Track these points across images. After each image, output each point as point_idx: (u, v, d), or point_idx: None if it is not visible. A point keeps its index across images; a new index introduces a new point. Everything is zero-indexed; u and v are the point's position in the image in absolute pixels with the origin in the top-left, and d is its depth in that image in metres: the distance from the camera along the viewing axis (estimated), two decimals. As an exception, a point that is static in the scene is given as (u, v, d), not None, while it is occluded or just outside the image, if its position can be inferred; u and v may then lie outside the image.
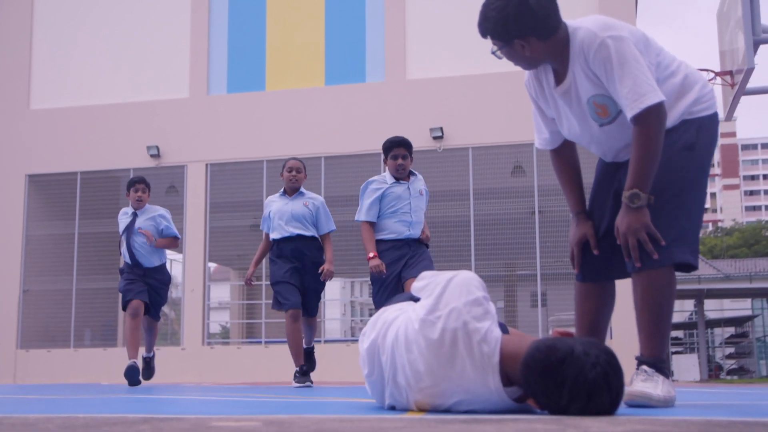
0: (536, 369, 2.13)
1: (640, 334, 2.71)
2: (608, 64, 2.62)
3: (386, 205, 5.49)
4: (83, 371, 12.46)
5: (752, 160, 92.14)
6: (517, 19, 2.66)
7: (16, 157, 13.75)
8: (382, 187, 5.50)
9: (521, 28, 2.68)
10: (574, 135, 2.91)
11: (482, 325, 2.29)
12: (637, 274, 2.68)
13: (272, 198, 6.39)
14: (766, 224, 63.58)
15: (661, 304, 2.68)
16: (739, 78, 7.56)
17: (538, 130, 3.03)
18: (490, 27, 2.73)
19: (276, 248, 6.18)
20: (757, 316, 30.41)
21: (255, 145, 13.07)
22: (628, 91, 2.59)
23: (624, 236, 2.65)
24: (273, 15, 13.48)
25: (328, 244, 6.24)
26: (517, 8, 2.66)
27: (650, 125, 2.60)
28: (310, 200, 6.27)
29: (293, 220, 6.15)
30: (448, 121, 12.39)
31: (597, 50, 2.64)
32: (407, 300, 2.67)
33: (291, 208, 6.18)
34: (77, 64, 13.93)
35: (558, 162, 3.02)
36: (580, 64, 2.70)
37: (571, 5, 12.53)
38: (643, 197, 2.62)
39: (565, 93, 2.78)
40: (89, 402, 3.40)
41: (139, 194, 6.64)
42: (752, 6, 7.18)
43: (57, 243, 13.66)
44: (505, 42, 2.73)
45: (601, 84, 2.70)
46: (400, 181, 5.55)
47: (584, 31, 2.68)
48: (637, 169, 2.63)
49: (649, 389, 2.56)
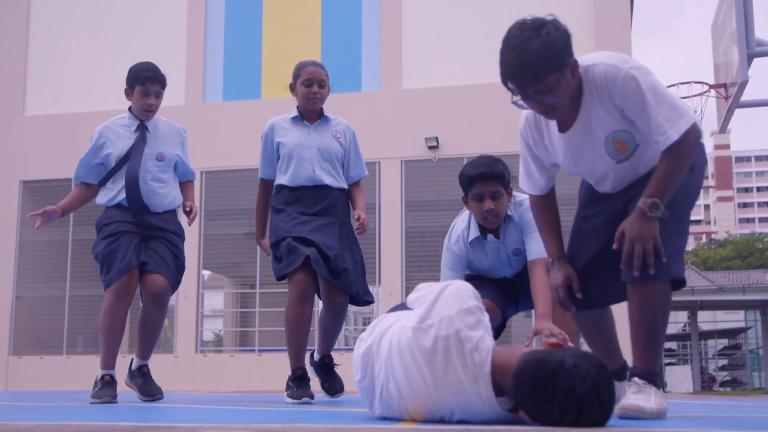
0: (527, 383, 2.13)
1: (634, 347, 2.71)
2: (638, 95, 2.59)
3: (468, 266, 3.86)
4: (75, 378, 12.39)
5: (746, 172, 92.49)
6: (565, 40, 2.58)
7: (10, 162, 13.74)
8: (461, 252, 3.80)
9: (569, 50, 2.59)
10: (586, 175, 2.89)
11: (475, 334, 2.29)
12: (634, 285, 2.67)
13: (279, 122, 4.29)
14: (759, 236, 63.75)
15: (657, 318, 2.68)
16: (733, 91, 7.60)
17: (531, 179, 2.95)
18: (542, 60, 2.51)
19: (286, 195, 4.19)
20: (750, 328, 30.47)
21: (250, 153, 13.00)
22: (668, 113, 2.58)
23: (631, 242, 2.61)
24: (269, 23, 13.51)
25: (360, 193, 4.35)
26: (555, 29, 2.57)
27: (690, 143, 2.60)
28: (340, 129, 4.32)
29: (321, 160, 4.18)
30: (443, 130, 12.41)
31: (623, 83, 2.60)
32: (404, 309, 2.67)
33: (316, 141, 4.21)
34: (73, 71, 13.93)
35: (544, 206, 2.98)
36: (600, 101, 2.65)
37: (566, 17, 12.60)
38: (661, 209, 2.61)
39: (578, 134, 2.73)
40: (81, 409, 3.39)
41: (151, 99, 4.27)
42: (746, 19, 7.22)
43: (51, 249, 13.62)
44: (560, 69, 2.56)
45: (623, 119, 2.66)
46: (487, 234, 3.78)
47: (603, 66, 2.63)
48: (663, 181, 2.62)
49: (641, 402, 2.57)
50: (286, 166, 4.19)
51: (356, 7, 13.21)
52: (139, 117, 4.33)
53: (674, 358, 33.96)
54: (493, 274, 3.85)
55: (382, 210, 12.34)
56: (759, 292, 25.47)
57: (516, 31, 2.59)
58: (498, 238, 3.74)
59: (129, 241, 4.20)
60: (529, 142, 2.89)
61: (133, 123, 4.33)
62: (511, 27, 2.63)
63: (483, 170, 3.64)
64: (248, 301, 15.71)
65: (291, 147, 4.18)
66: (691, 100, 8.55)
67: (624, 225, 2.66)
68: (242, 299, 16.65)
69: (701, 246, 67.46)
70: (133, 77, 4.28)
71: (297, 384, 4.03)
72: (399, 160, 12.44)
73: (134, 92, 4.29)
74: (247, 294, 15.91)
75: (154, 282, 4.21)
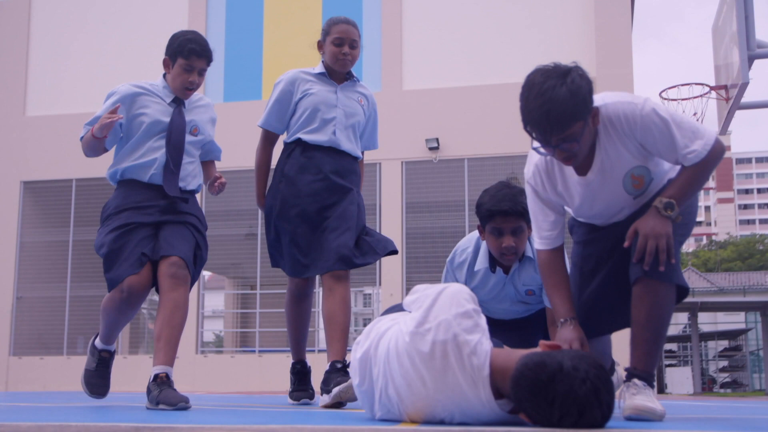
0: (526, 386, 2.13)
1: (637, 349, 2.71)
2: (661, 124, 2.63)
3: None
4: (76, 379, 12.37)
5: (746, 173, 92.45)
6: (589, 88, 2.58)
7: (11, 163, 13.74)
8: (462, 279, 3.54)
9: (592, 98, 2.60)
10: (599, 215, 2.88)
11: (472, 338, 2.29)
12: (643, 284, 2.67)
13: (301, 74, 3.94)
14: (760, 238, 63.72)
15: (663, 322, 2.70)
16: (733, 92, 7.60)
17: (542, 231, 2.87)
18: (569, 109, 2.51)
19: (300, 156, 3.84)
20: (750, 329, 30.45)
21: (251, 154, 13.03)
22: (691, 134, 2.63)
23: (645, 238, 2.61)
24: (270, 24, 13.52)
25: (360, 164, 4.08)
26: (580, 77, 2.57)
27: (715, 157, 2.66)
28: (367, 95, 4.10)
29: (345, 124, 3.89)
30: (444, 132, 12.41)
31: (644, 118, 2.63)
32: (400, 311, 2.66)
33: (343, 102, 3.92)
34: (73, 72, 13.94)
35: (553, 264, 2.87)
36: (619, 140, 2.67)
37: (567, 18, 12.62)
38: (676, 211, 2.63)
39: (597, 176, 2.73)
40: (81, 410, 3.39)
41: (194, 77, 3.67)
42: (747, 21, 7.23)
43: (51, 250, 13.63)
44: (584, 118, 2.57)
45: (641, 155, 2.70)
46: (494, 267, 3.47)
47: (619, 105, 2.66)
48: (683, 188, 2.66)
49: (650, 403, 2.58)
50: (305, 122, 3.83)
51: (357, 7, 13.22)
52: (176, 92, 3.69)
53: (675, 360, 33.95)
54: (494, 307, 3.58)
55: (383, 211, 12.35)
56: (759, 294, 25.47)
57: (540, 77, 2.55)
58: (506, 274, 3.46)
59: (142, 234, 3.54)
60: (538, 189, 2.85)
61: (168, 96, 3.70)
62: (532, 73, 2.59)
63: (507, 206, 3.26)
64: (249, 302, 15.71)
65: (316, 102, 3.83)
66: (691, 101, 8.56)
67: (637, 223, 2.66)
68: (243, 300, 16.66)
69: (702, 247, 67.42)
70: (176, 48, 3.65)
71: (296, 379, 3.97)
72: (400, 161, 12.45)
73: (174, 64, 3.65)
74: (248, 295, 15.93)
75: (165, 263, 3.49)
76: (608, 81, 10.96)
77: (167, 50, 3.69)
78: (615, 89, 2.97)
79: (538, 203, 2.87)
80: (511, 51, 12.41)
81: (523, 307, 3.56)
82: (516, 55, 12.32)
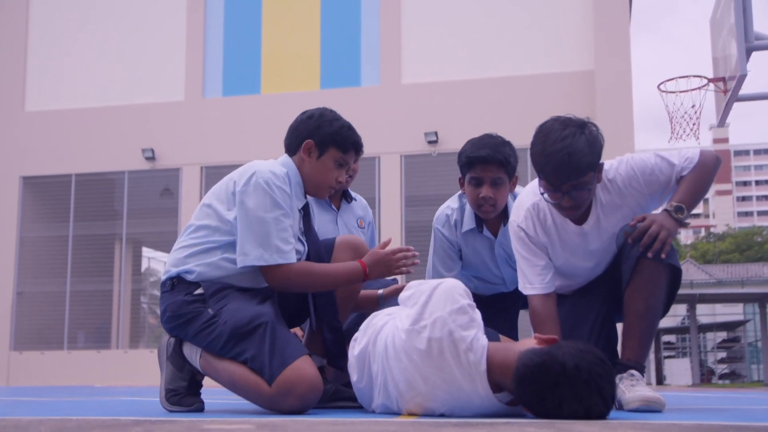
0: (530, 389, 2.16)
1: (632, 339, 2.73)
2: (661, 163, 2.79)
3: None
4: (76, 373, 12.42)
5: (744, 166, 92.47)
6: (602, 142, 2.70)
7: (10, 158, 13.74)
8: (451, 236, 3.37)
9: (601, 152, 2.72)
10: (578, 267, 2.94)
11: (468, 334, 2.29)
12: (640, 272, 2.71)
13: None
14: (758, 229, 63.76)
15: (658, 314, 2.76)
16: (731, 84, 7.59)
17: (533, 276, 2.86)
18: (587, 158, 2.62)
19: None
20: (749, 320, 30.52)
21: (250, 148, 13.06)
22: (680, 153, 2.81)
23: (652, 221, 2.68)
24: (269, 18, 13.49)
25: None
26: (595, 128, 2.70)
27: (709, 160, 2.81)
28: (364, 215, 3.78)
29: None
30: (442, 125, 12.41)
31: (638, 165, 2.80)
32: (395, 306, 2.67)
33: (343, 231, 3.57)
34: (73, 67, 13.91)
35: (548, 309, 2.84)
36: (630, 195, 2.80)
37: (566, 12, 12.59)
38: (686, 214, 2.72)
39: (593, 229, 2.84)
40: (82, 404, 3.40)
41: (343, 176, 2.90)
42: (745, 13, 7.21)
43: (51, 245, 13.63)
44: (596, 169, 2.70)
45: (641, 207, 2.82)
46: (482, 226, 3.32)
47: (629, 163, 2.80)
48: (690, 193, 2.76)
49: (654, 394, 2.62)
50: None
51: (355, 1, 13.20)
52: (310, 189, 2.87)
53: (673, 351, 34.02)
54: (485, 274, 3.41)
55: (382, 204, 12.35)
56: (758, 285, 25.46)
57: (558, 126, 2.65)
58: (495, 237, 3.28)
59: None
60: (530, 233, 2.87)
61: (299, 195, 2.84)
62: (548, 122, 2.70)
63: (486, 153, 3.11)
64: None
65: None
66: (689, 94, 8.54)
67: (646, 215, 2.74)
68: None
69: (700, 239, 67.45)
70: (332, 135, 2.82)
71: None
72: (399, 155, 12.44)
73: (322, 154, 2.82)
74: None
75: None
76: (606, 75, 10.95)
77: (312, 132, 2.82)
78: (613, 83, 3.04)
79: (530, 247, 2.88)
80: (509, 44, 12.39)
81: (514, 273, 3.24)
82: (515, 48, 12.30)
